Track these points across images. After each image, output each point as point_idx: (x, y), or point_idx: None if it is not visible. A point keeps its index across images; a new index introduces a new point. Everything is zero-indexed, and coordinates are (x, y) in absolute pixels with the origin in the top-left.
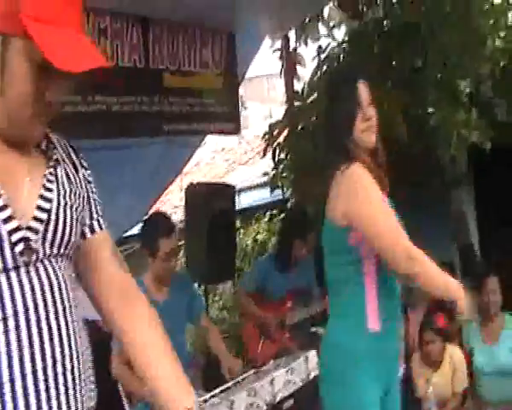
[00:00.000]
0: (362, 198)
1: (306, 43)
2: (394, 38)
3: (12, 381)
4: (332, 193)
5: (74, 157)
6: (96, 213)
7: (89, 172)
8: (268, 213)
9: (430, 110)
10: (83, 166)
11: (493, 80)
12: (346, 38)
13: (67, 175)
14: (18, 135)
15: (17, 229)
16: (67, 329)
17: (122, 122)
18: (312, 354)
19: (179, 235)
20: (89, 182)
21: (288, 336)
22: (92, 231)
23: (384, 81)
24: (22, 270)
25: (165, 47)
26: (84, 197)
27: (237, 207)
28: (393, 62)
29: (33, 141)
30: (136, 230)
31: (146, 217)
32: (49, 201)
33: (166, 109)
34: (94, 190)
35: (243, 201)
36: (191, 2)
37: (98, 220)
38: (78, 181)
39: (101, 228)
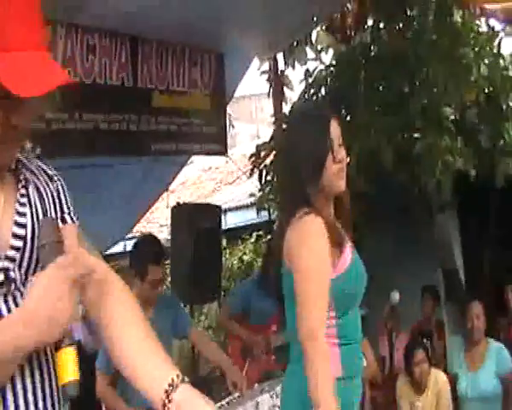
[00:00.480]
0: (305, 248)
1: (294, 66)
2: (381, 64)
3: None
4: (286, 239)
5: (48, 171)
6: (61, 210)
7: (61, 182)
8: (254, 233)
9: (416, 136)
10: (56, 176)
11: (478, 107)
12: (334, 62)
13: (39, 192)
14: None
15: None
16: (45, 350)
17: (109, 140)
18: None
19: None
20: (58, 191)
21: (274, 359)
22: (63, 222)
23: (370, 106)
24: (0, 299)
25: (153, 66)
26: (55, 210)
27: (223, 227)
28: (380, 87)
29: (4, 167)
30: (119, 248)
31: (137, 239)
32: (24, 226)
33: (154, 129)
34: (62, 194)
35: (229, 221)
36: (180, 22)
37: (62, 217)
38: (49, 195)
39: (64, 222)
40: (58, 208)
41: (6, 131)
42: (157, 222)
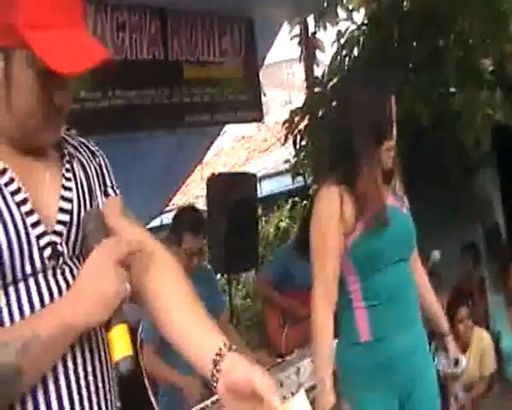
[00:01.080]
0: (313, 224)
1: (325, 28)
2: (414, 20)
3: (45, 382)
4: None
5: (90, 146)
6: (110, 181)
7: (103, 157)
8: (290, 200)
9: (453, 90)
10: (98, 151)
11: None
12: (366, 21)
13: (83, 167)
14: (32, 143)
15: (44, 233)
16: (95, 333)
17: (143, 115)
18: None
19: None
20: (100, 166)
21: None
22: (106, 195)
23: (405, 63)
24: (49, 272)
25: (183, 38)
26: (99, 177)
27: (259, 195)
28: (414, 44)
29: (48, 146)
30: (156, 222)
31: (176, 210)
32: (70, 201)
33: (187, 100)
34: (105, 168)
35: (265, 188)
36: None
37: (112, 187)
38: (93, 170)
39: (115, 193)
40: (101, 182)
41: (49, 110)
42: (192, 194)
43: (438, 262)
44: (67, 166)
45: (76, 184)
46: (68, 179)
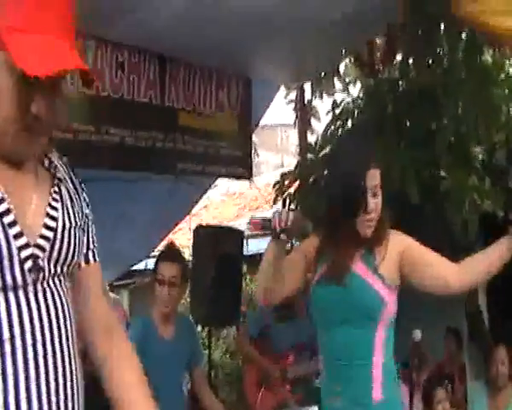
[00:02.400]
0: None
1: (322, 97)
2: (409, 99)
3: (18, 402)
4: None
5: (74, 178)
6: (93, 243)
7: (87, 198)
8: None
9: (443, 174)
10: (83, 190)
11: (507, 148)
12: (361, 95)
13: (69, 194)
14: (10, 152)
15: (26, 246)
16: (69, 352)
17: (135, 156)
18: (314, 409)
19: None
20: (88, 205)
21: (289, 390)
22: (87, 261)
23: (397, 141)
24: (30, 289)
25: (180, 86)
26: (84, 219)
27: (245, 253)
28: (407, 123)
29: (29, 158)
30: (141, 266)
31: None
32: (55, 219)
33: (180, 148)
34: (91, 217)
35: (251, 247)
36: (208, 45)
37: (93, 251)
38: (79, 201)
39: (94, 260)
40: (90, 236)
41: (27, 119)
42: (179, 244)
43: (420, 341)
44: (56, 188)
45: (62, 206)
46: (55, 200)
